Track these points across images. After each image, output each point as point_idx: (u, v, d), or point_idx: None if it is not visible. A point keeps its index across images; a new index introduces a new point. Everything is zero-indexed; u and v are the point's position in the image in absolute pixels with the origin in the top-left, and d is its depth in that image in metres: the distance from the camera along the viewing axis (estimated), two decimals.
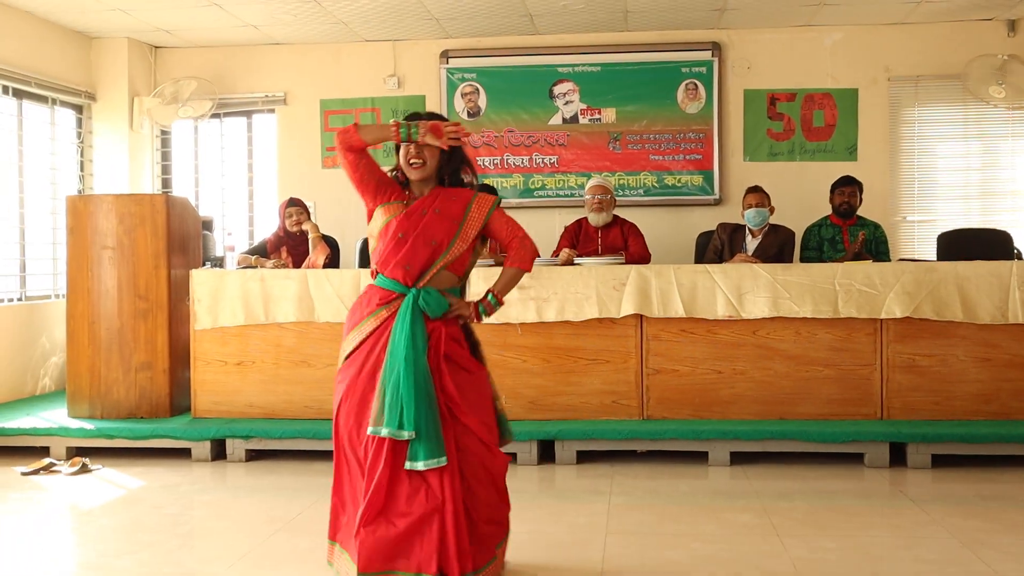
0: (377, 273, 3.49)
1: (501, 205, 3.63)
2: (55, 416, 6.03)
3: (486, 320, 3.61)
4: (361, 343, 3.43)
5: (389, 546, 3.24)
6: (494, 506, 3.43)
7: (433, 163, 3.49)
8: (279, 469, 5.47)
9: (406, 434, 3.22)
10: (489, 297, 3.56)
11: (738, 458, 5.42)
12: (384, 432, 3.24)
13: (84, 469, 5.42)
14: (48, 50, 7.44)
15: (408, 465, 3.25)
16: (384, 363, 3.33)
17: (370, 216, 3.55)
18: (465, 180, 3.63)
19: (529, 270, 3.67)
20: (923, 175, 7.83)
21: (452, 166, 3.56)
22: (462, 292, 3.63)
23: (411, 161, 3.47)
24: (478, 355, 3.60)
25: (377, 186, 3.51)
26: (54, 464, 5.51)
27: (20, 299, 7.20)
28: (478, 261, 5.97)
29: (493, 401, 3.54)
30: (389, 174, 3.59)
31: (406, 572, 3.24)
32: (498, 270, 5.65)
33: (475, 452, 3.36)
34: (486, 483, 3.38)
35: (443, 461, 3.26)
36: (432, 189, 3.53)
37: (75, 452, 5.72)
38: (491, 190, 6.47)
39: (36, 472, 5.40)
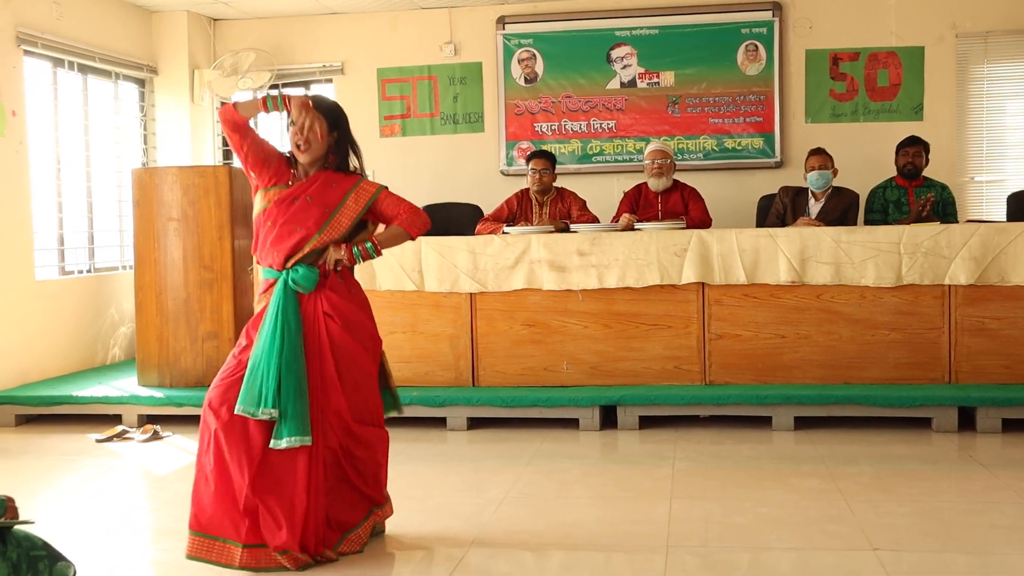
0: (263, 267, 3.56)
1: (390, 188, 3.67)
2: (126, 385, 6.18)
3: (361, 264, 3.64)
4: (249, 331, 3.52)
5: (250, 522, 3.34)
6: (362, 483, 3.53)
7: (319, 146, 3.52)
8: None
9: (261, 413, 3.29)
10: (368, 244, 3.58)
11: (802, 423, 5.38)
12: (239, 410, 3.31)
13: (155, 436, 5.55)
14: (110, 25, 7.54)
15: (272, 444, 3.31)
16: (254, 346, 3.41)
17: (254, 193, 3.59)
18: (351, 167, 3.66)
19: (414, 237, 3.71)
20: (992, 134, 7.63)
21: (341, 150, 3.60)
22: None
23: (297, 144, 3.50)
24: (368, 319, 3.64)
25: (263, 164, 3.54)
26: (127, 431, 5.65)
27: (89, 271, 7.35)
28: (536, 226, 5.99)
29: (377, 379, 3.60)
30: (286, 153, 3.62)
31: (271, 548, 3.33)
32: (556, 236, 5.67)
33: (339, 432, 3.44)
34: (350, 463, 3.48)
35: (307, 440, 3.33)
36: (315, 172, 3.56)
37: (146, 419, 5.85)
38: (550, 156, 6.46)
39: (110, 439, 5.54)
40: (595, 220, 6.29)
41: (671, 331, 5.62)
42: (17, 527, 2.31)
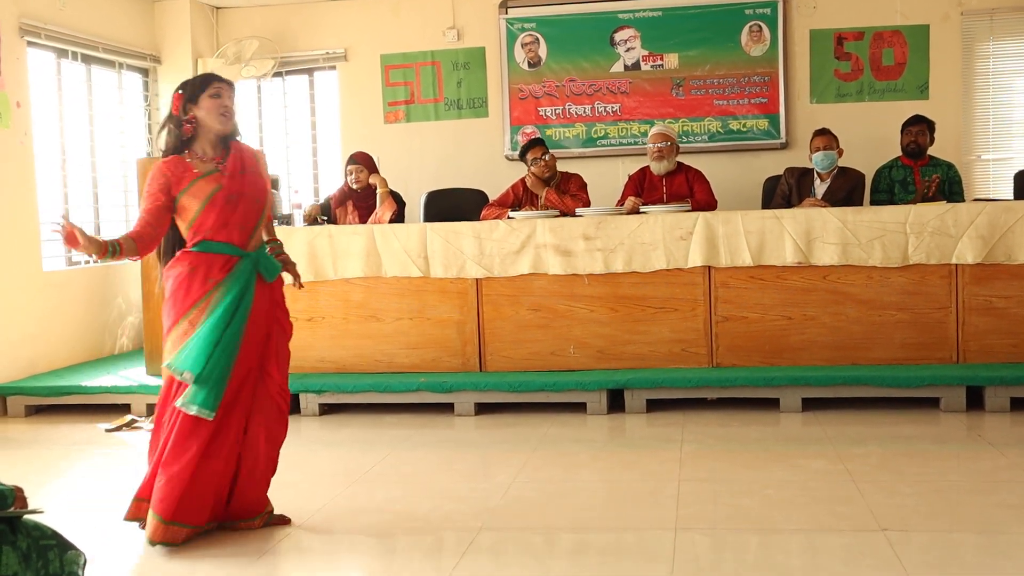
0: (201, 240, 3.54)
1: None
2: (134, 374, 6.20)
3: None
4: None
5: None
6: (272, 462, 3.70)
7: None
8: (352, 423, 5.56)
9: (185, 374, 3.41)
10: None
11: (810, 404, 5.37)
12: (174, 369, 3.46)
13: None
14: (113, 15, 7.53)
15: (179, 404, 3.44)
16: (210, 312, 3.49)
17: (167, 210, 3.55)
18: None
19: None
20: (998, 112, 7.60)
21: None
22: None
23: (223, 113, 3.59)
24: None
25: (175, 195, 3.55)
26: (136, 420, 5.67)
27: (96, 261, 7.34)
28: (541, 211, 6.01)
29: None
30: (174, 132, 3.61)
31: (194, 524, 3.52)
32: (562, 221, 5.67)
33: (269, 411, 3.61)
34: (269, 440, 3.63)
35: (210, 416, 3.42)
36: (231, 144, 3.67)
37: (155, 409, 5.86)
38: (543, 141, 6.47)
39: (119, 429, 5.56)
40: (588, 202, 6.28)
41: (677, 314, 5.61)
42: (27, 516, 2.32)
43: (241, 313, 3.48)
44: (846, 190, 6.15)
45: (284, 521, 3.74)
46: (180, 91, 3.60)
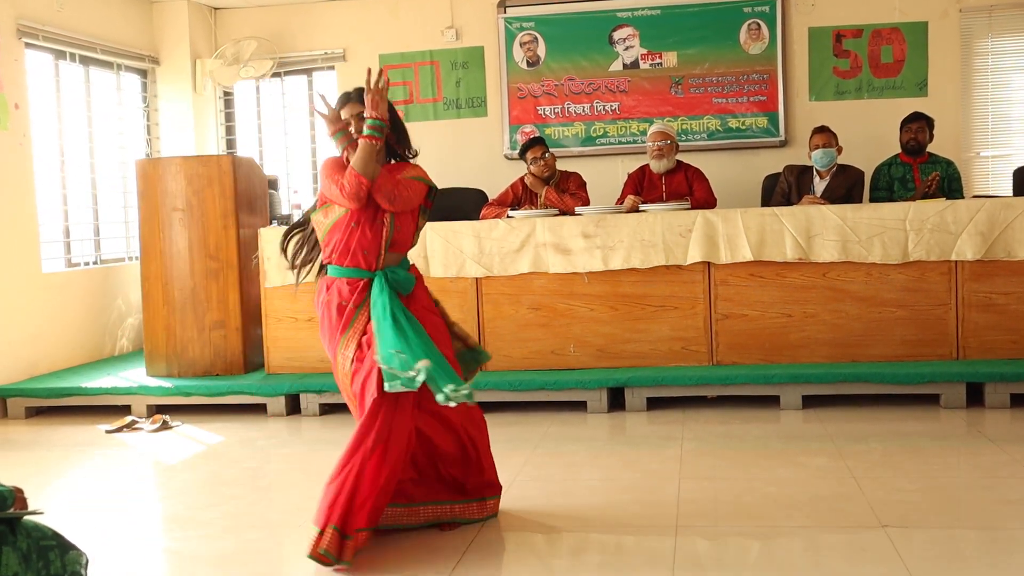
0: (329, 264, 3.57)
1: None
2: (134, 375, 6.19)
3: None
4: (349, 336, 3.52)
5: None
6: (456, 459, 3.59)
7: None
8: (352, 422, 5.51)
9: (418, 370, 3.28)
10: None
11: (810, 402, 5.38)
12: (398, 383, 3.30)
13: (165, 426, 5.57)
14: (111, 16, 7.53)
15: (440, 399, 3.27)
16: (376, 338, 3.39)
17: (321, 202, 3.61)
18: (410, 155, 3.81)
19: (369, 179, 3.47)
20: (997, 109, 7.59)
21: (397, 135, 3.75)
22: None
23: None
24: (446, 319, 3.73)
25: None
26: (136, 422, 5.67)
27: (95, 263, 7.36)
28: (541, 210, 6.01)
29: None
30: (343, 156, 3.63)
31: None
32: (561, 219, 5.67)
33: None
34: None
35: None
36: (381, 168, 3.58)
37: (155, 410, 5.87)
38: (543, 140, 6.45)
39: (120, 430, 5.56)
40: (588, 201, 6.27)
41: (677, 312, 5.61)
42: (27, 518, 2.32)
43: (405, 318, 3.41)
44: (845, 187, 6.15)
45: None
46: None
